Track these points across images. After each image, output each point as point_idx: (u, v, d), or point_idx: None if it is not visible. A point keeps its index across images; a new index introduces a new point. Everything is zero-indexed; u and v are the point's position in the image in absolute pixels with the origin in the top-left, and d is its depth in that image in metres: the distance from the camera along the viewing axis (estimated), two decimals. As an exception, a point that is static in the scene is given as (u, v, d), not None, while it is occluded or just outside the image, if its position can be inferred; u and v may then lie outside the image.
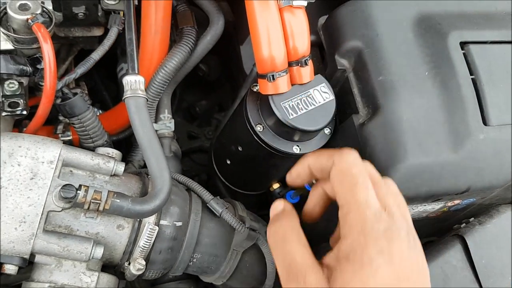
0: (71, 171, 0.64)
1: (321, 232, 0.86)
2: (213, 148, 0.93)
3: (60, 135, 0.83)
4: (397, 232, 0.50)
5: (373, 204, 0.51)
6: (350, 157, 0.55)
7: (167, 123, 0.86)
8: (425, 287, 0.52)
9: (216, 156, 0.91)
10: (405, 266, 0.49)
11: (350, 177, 0.53)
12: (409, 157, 0.69)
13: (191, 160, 1.18)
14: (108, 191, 0.60)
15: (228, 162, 0.86)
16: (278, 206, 0.60)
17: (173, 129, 0.87)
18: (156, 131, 0.85)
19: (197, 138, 1.17)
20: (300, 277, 0.51)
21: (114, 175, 0.67)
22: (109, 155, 0.68)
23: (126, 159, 0.87)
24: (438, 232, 0.94)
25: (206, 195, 0.73)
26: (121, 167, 0.67)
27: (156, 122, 0.86)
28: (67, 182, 0.60)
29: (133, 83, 0.64)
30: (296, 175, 0.63)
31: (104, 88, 1.07)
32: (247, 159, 0.81)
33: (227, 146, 0.84)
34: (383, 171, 0.71)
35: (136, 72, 0.66)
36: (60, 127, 0.84)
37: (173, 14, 0.86)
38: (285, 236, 0.55)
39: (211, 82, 1.17)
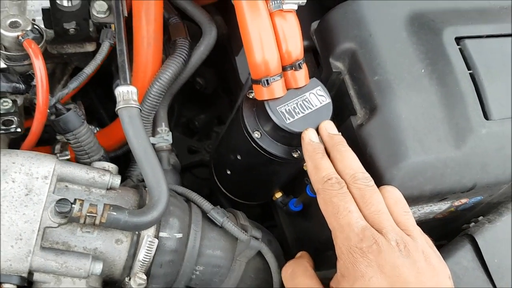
0: (66, 186, 0.63)
1: (323, 240, 0.85)
2: (212, 159, 0.92)
3: (58, 154, 0.82)
4: (384, 245, 0.54)
5: (356, 225, 0.56)
6: (332, 186, 0.60)
7: (164, 136, 0.85)
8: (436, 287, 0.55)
9: (216, 167, 0.90)
10: (399, 273, 0.53)
11: (331, 206, 0.58)
12: (410, 155, 0.68)
13: (192, 175, 1.17)
14: (104, 204, 0.58)
15: (229, 172, 0.84)
16: (296, 254, 0.70)
17: (171, 141, 0.86)
18: (154, 144, 0.84)
19: (197, 152, 1.16)
20: None
21: (111, 188, 0.66)
22: (105, 169, 0.67)
23: (124, 174, 0.85)
24: (447, 235, 0.92)
25: (206, 205, 0.72)
26: (117, 180, 0.66)
27: (153, 135, 0.85)
28: (62, 197, 0.59)
29: (125, 93, 0.64)
30: None
31: (102, 107, 1.07)
32: (247, 168, 0.80)
33: (226, 156, 0.82)
34: (385, 171, 0.70)
35: (128, 82, 0.65)
36: (57, 146, 0.84)
37: (165, 27, 0.86)
38: (293, 272, 0.64)
39: (208, 96, 1.16)
